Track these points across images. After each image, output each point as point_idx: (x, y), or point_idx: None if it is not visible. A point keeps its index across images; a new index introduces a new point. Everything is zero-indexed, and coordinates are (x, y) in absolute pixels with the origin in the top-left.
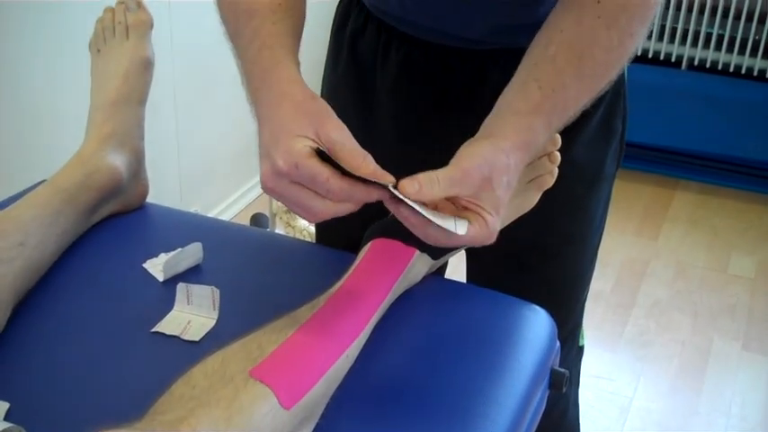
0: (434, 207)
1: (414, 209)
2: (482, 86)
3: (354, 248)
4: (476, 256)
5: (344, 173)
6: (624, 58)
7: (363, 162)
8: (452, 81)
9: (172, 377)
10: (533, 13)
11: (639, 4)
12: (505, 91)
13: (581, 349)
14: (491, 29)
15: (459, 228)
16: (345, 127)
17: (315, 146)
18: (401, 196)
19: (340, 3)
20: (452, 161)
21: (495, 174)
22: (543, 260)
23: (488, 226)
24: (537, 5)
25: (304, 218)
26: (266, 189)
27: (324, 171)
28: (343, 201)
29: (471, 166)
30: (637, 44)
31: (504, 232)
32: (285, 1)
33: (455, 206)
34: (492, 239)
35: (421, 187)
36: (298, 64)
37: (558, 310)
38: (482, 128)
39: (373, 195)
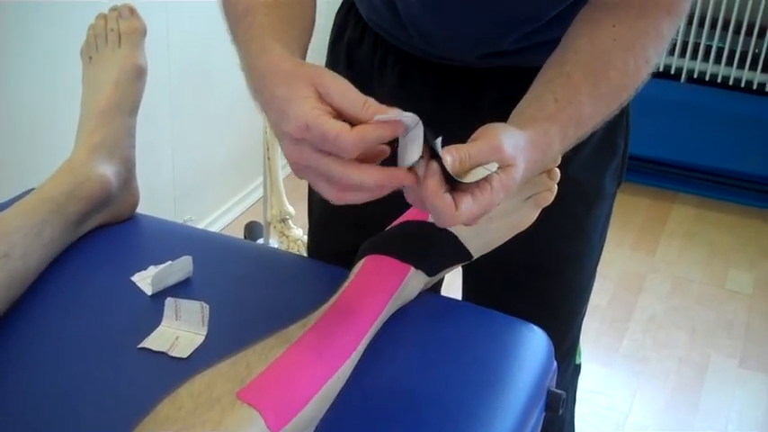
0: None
1: (443, 167)
2: (479, 103)
3: (346, 258)
4: (472, 273)
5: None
6: (637, 84)
7: (363, 107)
8: (449, 97)
9: (158, 395)
10: (523, 41)
11: (654, 33)
12: (519, 105)
13: (578, 368)
14: (484, 55)
15: (492, 166)
16: (344, 79)
17: (321, 105)
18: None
19: (338, 12)
20: (477, 136)
21: (517, 153)
22: (540, 278)
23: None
24: (525, 37)
25: (331, 198)
26: (293, 166)
27: (333, 127)
28: (356, 155)
29: (500, 141)
30: (649, 72)
31: (501, 249)
32: None
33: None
34: (497, 202)
35: (455, 162)
36: (292, 46)
37: (556, 328)
38: None
39: (387, 135)
